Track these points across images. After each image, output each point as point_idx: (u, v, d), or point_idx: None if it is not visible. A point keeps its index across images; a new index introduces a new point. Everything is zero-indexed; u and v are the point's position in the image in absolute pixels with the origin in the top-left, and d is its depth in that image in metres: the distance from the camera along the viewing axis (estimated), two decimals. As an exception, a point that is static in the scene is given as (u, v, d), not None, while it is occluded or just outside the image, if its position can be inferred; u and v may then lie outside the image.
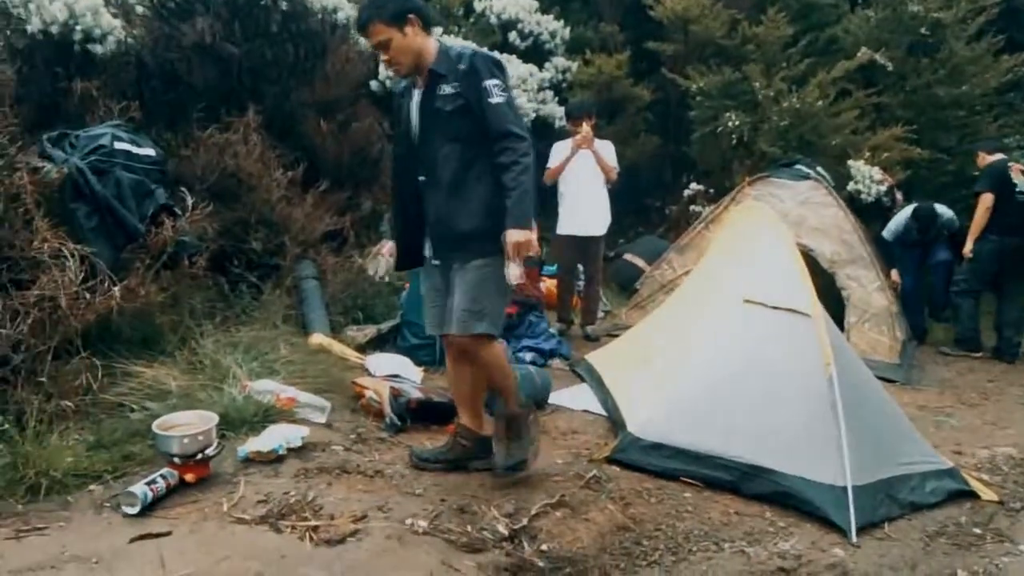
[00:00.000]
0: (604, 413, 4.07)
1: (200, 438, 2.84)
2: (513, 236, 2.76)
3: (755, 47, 7.90)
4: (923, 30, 7.68)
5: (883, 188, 6.90)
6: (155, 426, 2.89)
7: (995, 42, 7.60)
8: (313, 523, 2.59)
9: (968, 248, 6.07)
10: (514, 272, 2.82)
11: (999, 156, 6.23)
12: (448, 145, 2.86)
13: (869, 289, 5.54)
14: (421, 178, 2.96)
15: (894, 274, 6.29)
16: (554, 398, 4.31)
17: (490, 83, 2.76)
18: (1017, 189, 5.97)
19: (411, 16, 2.80)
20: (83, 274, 3.44)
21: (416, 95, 2.94)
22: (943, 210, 6.38)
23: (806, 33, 8.23)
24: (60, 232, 3.52)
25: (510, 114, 2.80)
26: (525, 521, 2.73)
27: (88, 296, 3.42)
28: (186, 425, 2.92)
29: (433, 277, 3.08)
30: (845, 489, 2.90)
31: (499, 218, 2.79)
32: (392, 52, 2.84)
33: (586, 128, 5.67)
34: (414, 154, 2.97)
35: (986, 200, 5.98)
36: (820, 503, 2.93)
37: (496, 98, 2.76)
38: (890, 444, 3.25)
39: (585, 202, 5.77)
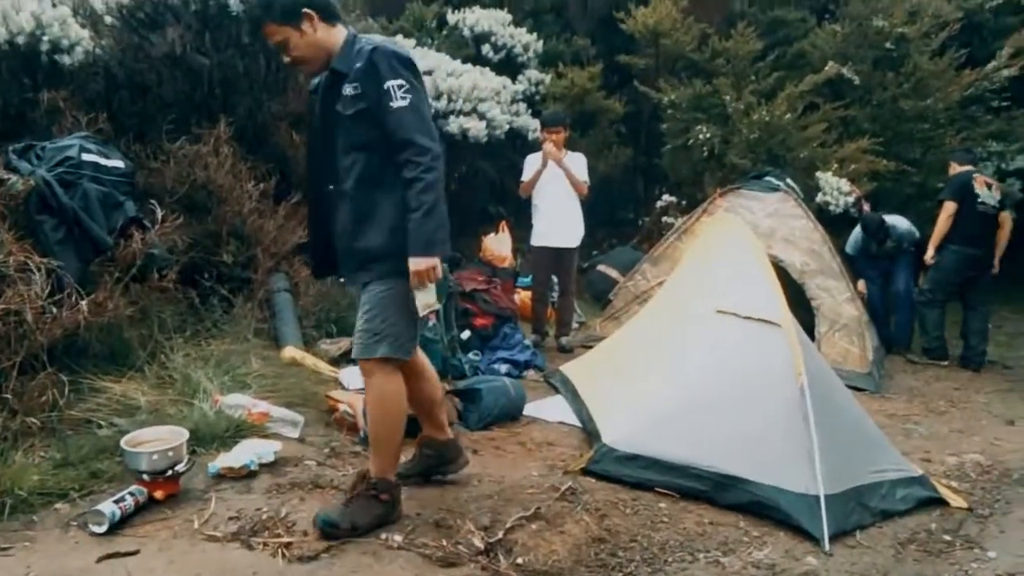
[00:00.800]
0: (579, 424, 4.07)
1: (170, 454, 2.80)
2: (413, 264, 2.48)
3: (725, 61, 8.01)
4: (888, 45, 7.85)
5: (851, 200, 7.01)
6: (123, 442, 2.85)
7: (957, 56, 7.78)
8: (286, 539, 2.56)
9: (930, 255, 6.18)
10: (421, 302, 2.57)
11: (968, 168, 6.36)
12: (353, 153, 2.58)
13: (839, 299, 5.61)
14: (329, 187, 2.69)
15: (861, 284, 6.38)
16: (529, 409, 4.31)
17: (392, 84, 2.44)
18: (979, 200, 6.10)
19: (306, 11, 2.52)
20: (49, 288, 3.39)
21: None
22: (898, 221, 6.45)
23: (774, 48, 8.37)
24: (26, 245, 3.46)
25: (414, 120, 2.46)
26: (500, 534, 2.72)
27: (55, 310, 3.37)
28: (155, 441, 2.88)
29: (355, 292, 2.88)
30: (817, 498, 2.93)
31: (406, 237, 2.52)
32: (292, 53, 2.58)
33: (548, 144, 5.74)
34: (324, 158, 2.72)
35: (948, 208, 6.10)
36: (793, 512, 2.96)
37: (398, 101, 2.43)
38: (861, 452, 3.29)
39: (558, 214, 5.82)
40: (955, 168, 6.40)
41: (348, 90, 2.51)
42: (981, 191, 6.13)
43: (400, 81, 2.45)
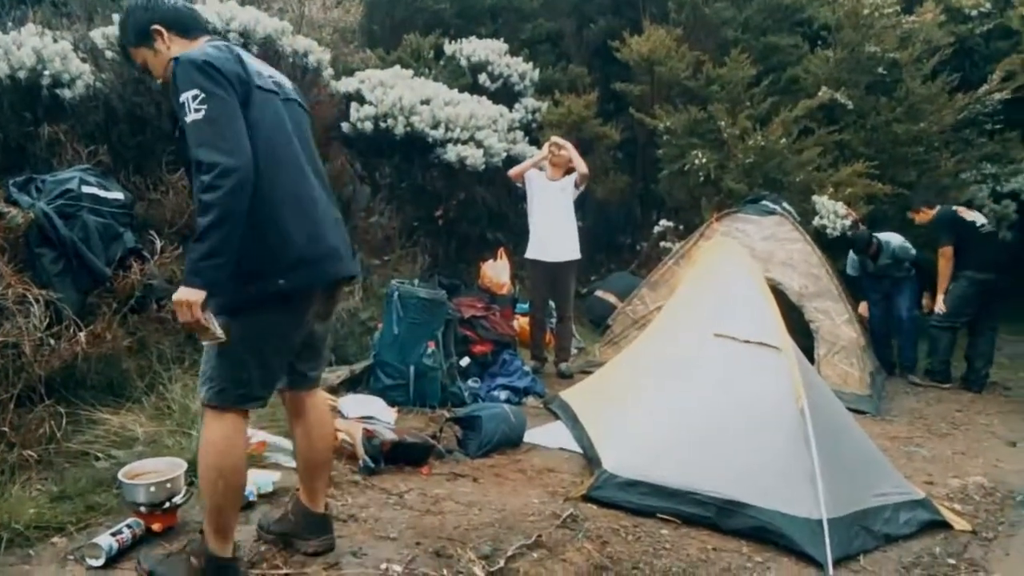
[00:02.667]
0: (579, 450, 4.05)
1: (168, 486, 2.78)
2: (175, 294, 2.16)
3: (719, 87, 8.07)
4: (880, 70, 7.92)
5: (848, 223, 7.03)
6: (121, 474, 2.82)
7: (949, 81, 7.85)
8: (285, 571, 2.54)
9: (939, 304, 6.14)
10: (202, 337, 2.22)
11: (939, 207, 6.36)
12: (193, 175, 2.26)
13: (838, 322, 5.61)
14: None
15: (863, 307, 6.37)
16: (529, 436, 4.28)
17: (186, 96, 2.17)
18: (977, 225, 6.12)
19: (155, 28, 2.38)
20: (48, 320, 3.40)
21: None
22: (891, 237, 6.45)
23: (768, 73, 8.44)
24: (25, 277, 3.48)
25: (204, 133, 2.15)
26: (502, 563, 2.69)
27: (53, 342, 3.37)
28: (153, 473, 2.86)
29: None
30: (820, 522, 2.91)
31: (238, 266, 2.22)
32: (156, 73, 2.46)
33: (549, 148, 5.91)
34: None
35: (947, 252, 6.08)
36: (796, 537, 2.94)
37: (191, 115, 2.16)
38: (863, 476, 3.28)
39: (553, 228, 5.87)
40: (927, 213, 6.36)
41: None
42: (974, 217, 6.17)
43: (194, 91, 2.17)
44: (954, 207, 6.34)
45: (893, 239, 6.44)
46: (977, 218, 6.16)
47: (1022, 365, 6.94)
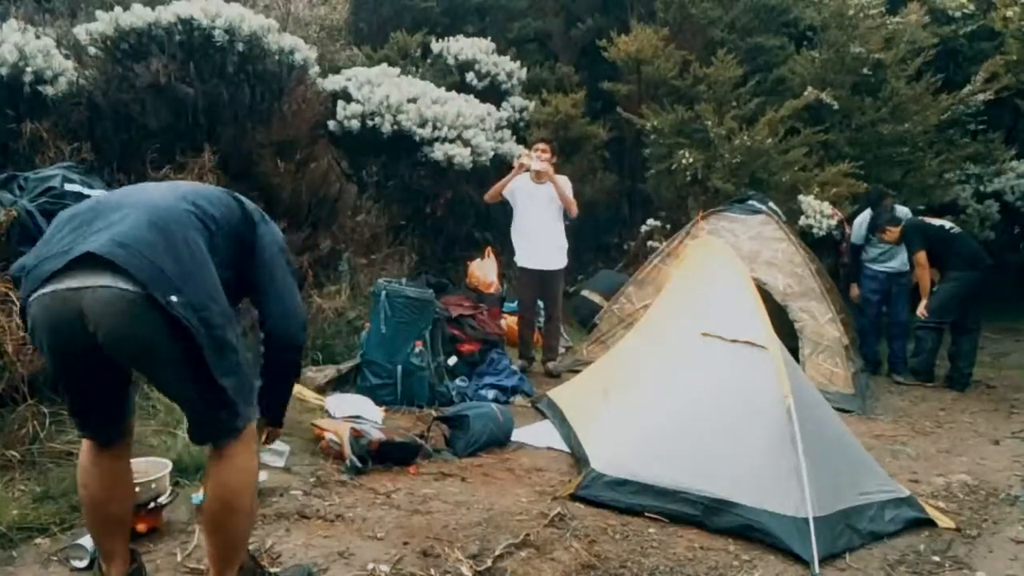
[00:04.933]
0: (567, 449, 4.05)
1: (152, 486, 2.76)
2: None
3: (706, 87, 8.09)
4: (865, 70, 7.96)
5: (833, 222, 7.08)
6: (105, 475, 2.79)
7: (933, 81, 7.90)
8: (272, 571, 2.52)
9: (921, 309, 6.17)
10: None
11: (902, 221, 6.40)
12: None
13: (821, 321, 5.64)
14: None
15: (854, 289, 6.52)
16: (517, 435, 4.28)
17: None
18: (947, 228, 6.19)
19: None
20: (31, 318, 3.35)
21: None
22: (899, 209, 6.54)
23: (755, 74, 8.47)
24: (6, 276, 3.43)
25: None
26: (490, 562, 2.69)
27: (36, 341, 3.33)
28: (137, 473, 2.82)
29: None
30: (807, 520, 2.92)
31: None
32: None
33: (533, 158, 5.87)
34: None
35: (921, 259, 6.10)
36: (783, 535, 2.95)
37: None
38: (849, 474, 3.30)
39: (543, 237, 5.86)
40: (893, 231, 6.36)
41: None
42: (941, 221, 6.26)
43: None
44: (919, 217, 6.43)
45: (900, 208, 6.49)
46: (945, 223, 6.25)
47: (1005, 364, 7.01)
